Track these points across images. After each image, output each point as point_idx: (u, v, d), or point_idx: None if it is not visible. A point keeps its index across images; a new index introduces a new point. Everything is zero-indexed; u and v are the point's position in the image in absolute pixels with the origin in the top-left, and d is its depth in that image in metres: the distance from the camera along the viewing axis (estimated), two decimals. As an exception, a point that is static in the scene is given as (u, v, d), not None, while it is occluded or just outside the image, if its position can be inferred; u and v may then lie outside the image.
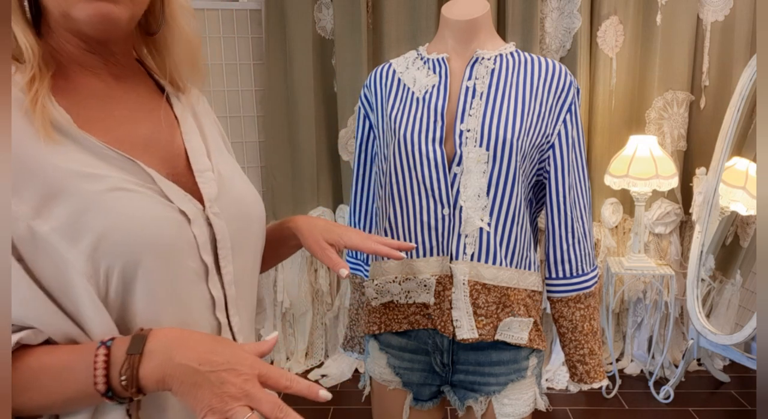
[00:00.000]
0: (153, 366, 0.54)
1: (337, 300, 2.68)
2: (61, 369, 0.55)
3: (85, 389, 0.55)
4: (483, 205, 1.00)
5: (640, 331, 2.67)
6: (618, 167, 2.29)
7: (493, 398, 1.05)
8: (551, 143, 1.03)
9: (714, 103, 2.49)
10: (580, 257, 1.07)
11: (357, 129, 1.16)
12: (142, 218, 0.58)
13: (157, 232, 0.59)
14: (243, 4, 2.50)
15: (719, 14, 2.43)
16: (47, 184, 0.55)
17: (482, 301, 1.01)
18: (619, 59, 2.45)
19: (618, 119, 2.51)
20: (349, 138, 2.52)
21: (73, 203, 0.55)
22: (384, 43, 2.43)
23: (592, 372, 1.10)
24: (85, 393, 0.55)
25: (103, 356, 0.54)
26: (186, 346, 0.55)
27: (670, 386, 2.37)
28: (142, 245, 0.58)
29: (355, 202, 1.19)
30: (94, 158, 0.59)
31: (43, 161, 0.56)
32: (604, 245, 2.56)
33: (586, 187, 1.08)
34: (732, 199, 2.30)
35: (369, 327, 1.11)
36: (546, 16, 2.41)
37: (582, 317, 1.08)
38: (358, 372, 2.60)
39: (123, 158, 0.61)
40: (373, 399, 1.18)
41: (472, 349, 1.05)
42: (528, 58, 1.05)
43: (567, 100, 1.03)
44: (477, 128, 0.99)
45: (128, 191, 0.59)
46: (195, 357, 0.55)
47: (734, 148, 2.33)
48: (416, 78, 1.06)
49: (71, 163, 0.57)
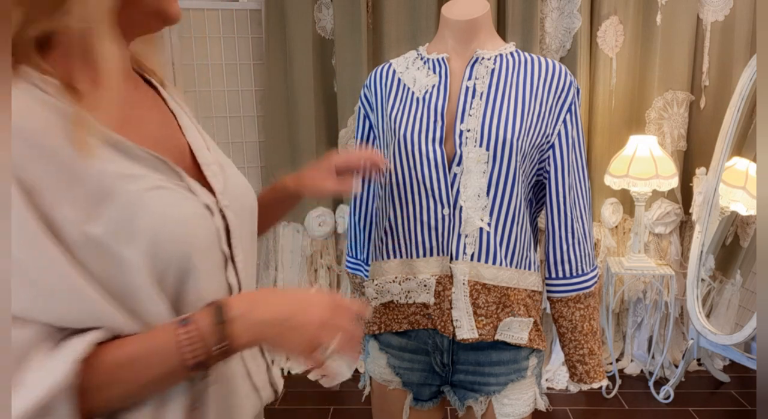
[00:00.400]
0: (241, 330, 0.59)
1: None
2: (146, 355, 0.57)
3: (171, 368, 0.58)
4: (483, 205, 1.00)
5: (640, 331, 2.67)
6: (618, 167, 2.29)
7: (493, 398, 1.05)
8: (551, 143, 1.03)
9: (714, 104, 2.49)
10: (580, 257, 1.07)
11: (357, 129, 1.16)
12: (185, 215, 0.62)
13: (197, 227, 0.63)
14: (243, 4, 2.50)
15: (719, 14, 2.43)
16: (95, 188, 0.56)
17: (482, 301, 1.01)
18: (619, 59, 2.45)
19: (618, 119, 2.51)
20: (349, 138, 2.52)
21: (121, 203, 0.57)
22: (384, 43, 2.43)
23: (591, 372, 1.10)
24: (171, 373, 0.58)
25: (187, 333, 0.58)
26: (260, 305, 0.61)
27: (670, 386, 2.37)
28: (190, 240, 0.61)
29: (355, 202, 1.19)
30: (127, 159, 0.60)
31: (88, 166, 0.57)
32: (604, 245, 2.56)
33: (586, 187, 1.08)
34: (732, 199, 2.30)
35: (369, 327, 1.11)
36: (546, 16, 2.41)
37: (582, 317, 1.08)
38: (358, 372, 2.60)
39: (152, 157, 0.63)
40: (373, 399, 1.18)
41: (472, 349, 1.05)
42: (528, 58, 1.05)
43: (567, 101, 1.03)
44: (477, 127, 0.99)
45: (167, 189, 0.61)
46: (271, 312, 0.61)
47: (734, 148, 2.33)
48: (416, 78, 1.06)
49: (112, 165, 0.58)
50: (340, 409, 2.34)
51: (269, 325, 0.61)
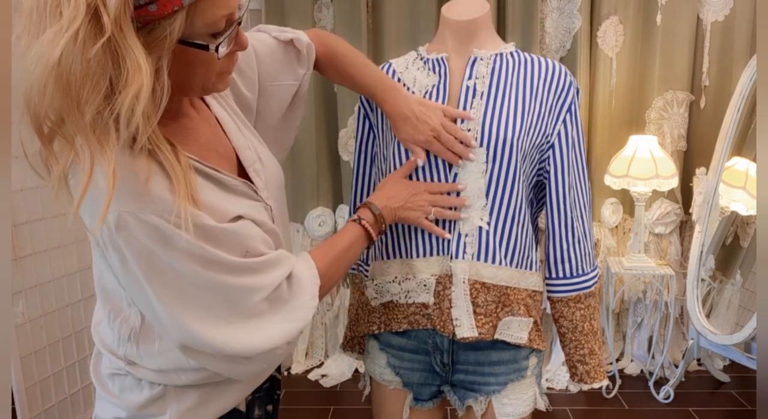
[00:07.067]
0: (386, 215, 0.98)
1: (337, 300, 2.68)
2: (350, 245, 0.93)
3: (363, 246, 0.96)
4: (482, 204, 1.00)
5: (640, 331, 2.67)
6: (618, 167, 2.29)
7: (493, 398, 1.05)
8: (551, 143, 1.03)
9: (714, 104, 2.49)
10: (580, 257, 1.07)
11: (357, 129, 1.16)
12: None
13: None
14: (243, 4, 2.49)
15: (719, 14, 2.43)
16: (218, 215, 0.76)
17: (481, 300, 1.01)
18: (619, 59, 2.45)
19: (618, 119, 2.51)
20: (349, 138, 2.52)
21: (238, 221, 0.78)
22: (384, 43, 2.43)
23: (592, 372, 1.10)
24: (362, 249, 0.96)
25: (368, 223, 0.95)
26: (390, 199, 0.99)
27: (670, 386, 2.37)
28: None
29: (354, 202, 1.19)
30: (221, 190, 0.78)
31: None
32: (604, 245, 2.56)
33: (586, 187, 1.08)
34: (732, 199, 2.30)
35: (369, 326, 1.11)
36: (546, 16, 2.41)
37: (582, 317, 1.08)
38: (358, 372, 2.60)
39: (240, 183, 0.81)
40: (373, 399, 1.18)
41: (472, 349, 1.05)
42: (528, 59, 1.05)
43: (567, 101, 1.03)
44: (477, 127, 0.99)
45: (257, 202, 0.84)
46: (395, 201, 0.99)
47: (734, 148, 2.33)
48: (416, 78, 1.06)
49: (211, 198, 0.76)
50: (340, 409, 2.34)
51: (398, 209, 0.99)
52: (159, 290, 0.70)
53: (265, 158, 0.90)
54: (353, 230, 0.94)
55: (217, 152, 0.83)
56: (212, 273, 0.71)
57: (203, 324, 0.71)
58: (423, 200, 0.99)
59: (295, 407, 2.35)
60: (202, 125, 0.83)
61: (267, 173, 0.89)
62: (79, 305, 2.14)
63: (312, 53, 1.04)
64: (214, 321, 0.72)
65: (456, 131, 0.99)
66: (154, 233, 0.68)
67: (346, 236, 0.94)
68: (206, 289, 0.72)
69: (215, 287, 0.72)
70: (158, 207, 0.68)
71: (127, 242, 0.68)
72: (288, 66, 1.02)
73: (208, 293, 0.72)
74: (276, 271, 0.78)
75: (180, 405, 0.82)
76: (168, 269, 0.69)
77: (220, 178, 0.78)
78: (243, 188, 0.82)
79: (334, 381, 2.54)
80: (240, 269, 0.74)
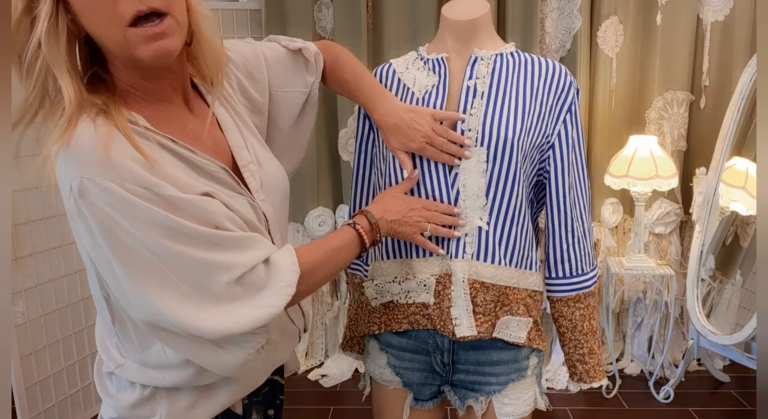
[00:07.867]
0: (382, 227, 0.96)
1: (337, 300, 2.68)
2: (341, 246, 0.90)
3: (355, 251, 0.93)
4: (482, 204, 1.00)
5: (640, 331, 2.67)
6: (618, 167, 2.29)
7: (493, 398, 1.05)
8: (551, 143, 1.03)
9: (714, 104, 2.49)
10: (580, 257, 1.07)
11: (357, 129, 1.16)
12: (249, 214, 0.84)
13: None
14: (243, 4, 2.50)
15: (719, 14, 2.43)
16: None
17: (480, 299, 1.01)
18: (619, 59, 2.45)
19: (618, 119, 2.51)
20: (349, 138, 2.52)
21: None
22: (384, 43, 2.43)
23: (591, 372, 1.10)
24: (353, 254, 0.93)
25: (362, 229, 0.93)
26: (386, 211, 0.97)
27: (670, 386, 2.37)
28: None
29: (354, 202, 1.19)
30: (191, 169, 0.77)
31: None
32: (604, 245, 2.56)
33: (586, 187, 1.08)
34: (732, 199, 2.30)
35: (369, 326, 1.11)
36: (546, 16, 2.41)
37: (582, 316, 1.08)
38: (358, 372, 2.60)
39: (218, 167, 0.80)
40: (373, 399, 1.18)
41: (472, 349, 1.05)
42: (528, 59, 1.05)
43: (567, 101, 1.03)
44: (478, 127, 0.99)
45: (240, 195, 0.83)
46: (392, 214, 0.97)
47: (734, 148, 2.33)
48: (416, 78, 1.06)
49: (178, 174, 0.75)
50: (340, 409, 2.34)
51: (394, 223, 0.97)
52: (123, 262, 0.69)
53: (265, 163, 0.90)
54: (346, 233, 0.93)
55: (204, 143, 0.82)
56: (177, 245, 0.70)
57: (168, 299, 0.70)
58: (420, 215, 0.98)
59: (295, 407, 2.35)
60: (193, 118, 0.84)
61: (266, 177, 0.88)
62: (79, 305, 2.14)
63: (320, 62, 1.07)
64: (181, 299, 0.71)
65: (447, 133, 0.99)
66: (114, 200, 0.67)
67: (337, 236, 0.92)
68: (171, 262, 0.70)
69: (180, 260, 0.71)
70: (117, 174, 0.67)
71: (90, 210, 0.68)
72: (297, 73, 1.05)
73: (174, 266, 0.71)
74: (248, 253, 0.76)
75: (171, 406, 0.82)
76: (131, 240, 0.69)
77: (192, 157, 0.77)
78: (221, 174, 0.81)
79: (334, 381, 2.54)
80: (206, 243, 0.72)
